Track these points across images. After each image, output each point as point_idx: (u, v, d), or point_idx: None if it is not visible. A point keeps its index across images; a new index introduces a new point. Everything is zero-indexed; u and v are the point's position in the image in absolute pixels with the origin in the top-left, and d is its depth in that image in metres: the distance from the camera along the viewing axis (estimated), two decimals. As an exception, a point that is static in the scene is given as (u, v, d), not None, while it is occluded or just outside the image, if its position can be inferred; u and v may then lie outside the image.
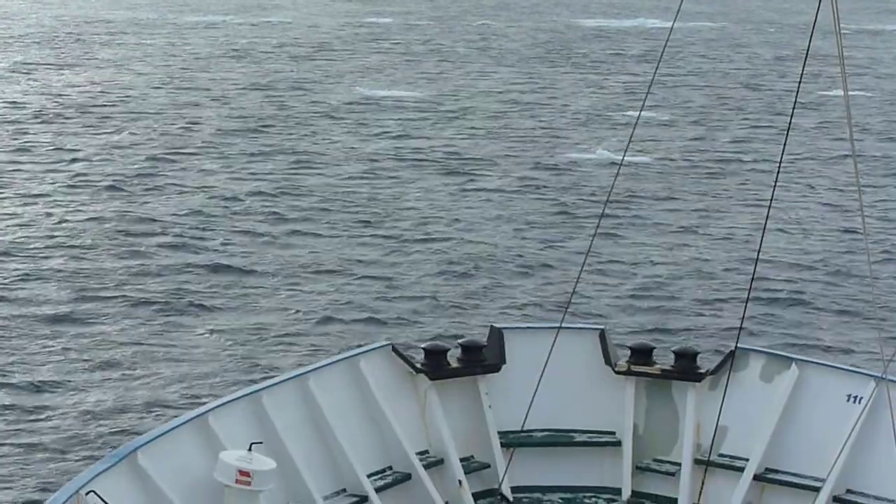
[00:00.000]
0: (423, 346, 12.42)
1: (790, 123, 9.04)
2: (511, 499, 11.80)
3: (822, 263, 26.41)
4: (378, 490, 11.08)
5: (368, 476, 11.09)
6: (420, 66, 63.47)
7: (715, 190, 33.27)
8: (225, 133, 40.49)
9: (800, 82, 7.54)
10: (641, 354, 12.44)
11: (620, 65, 64.64)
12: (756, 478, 11.51)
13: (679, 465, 11.91)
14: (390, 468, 11.49)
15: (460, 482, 11.61)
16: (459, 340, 12.83)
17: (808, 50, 8.32)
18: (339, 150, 37.81)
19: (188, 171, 34.06)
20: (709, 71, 63.06)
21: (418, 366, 11.99)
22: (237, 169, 34.68)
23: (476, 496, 11.67)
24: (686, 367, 12.30)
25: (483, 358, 12.19)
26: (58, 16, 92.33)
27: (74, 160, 35.69)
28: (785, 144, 8.95)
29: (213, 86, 53.17)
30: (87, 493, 9.21)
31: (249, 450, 10.08)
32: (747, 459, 11.62)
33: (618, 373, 12.28)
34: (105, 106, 46.00)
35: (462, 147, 38.79)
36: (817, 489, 11.15)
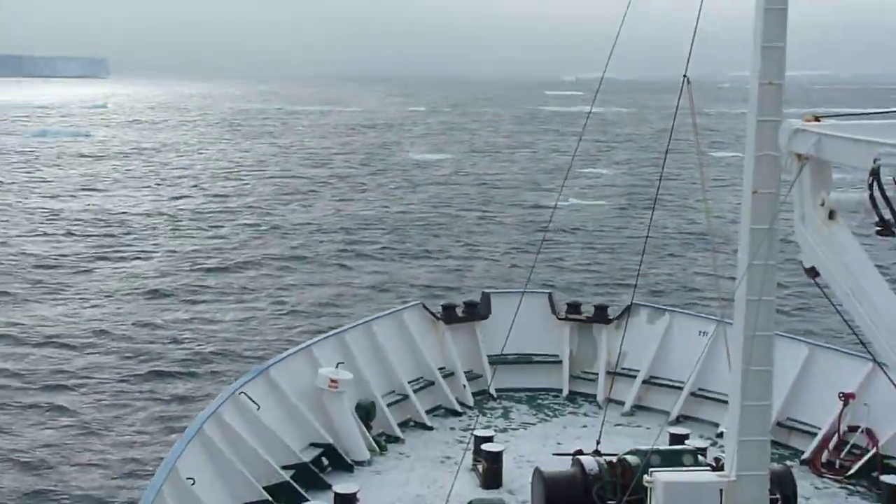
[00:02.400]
0: (441, 304, 15.94)
1: (661, 179, 13.97)
2: (495, 395, 15.07)
3: (685, 237, 38.51)
4: (415, 391, 14.44)
5: (409, 382, 14.47)
6: (446, 137, 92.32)
7: (637, 208, 47.13)
8: (312, 185, 57.95)
9: (665, 155, 10.32)
10: (574, 308, 16.02)
11: (571, 138, 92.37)
12: (644, 382, 15.02)
13: (597, 374, 15.36)
14: (422, 377, 14.81)
15: (464, 386, 15.05)
16: (463, 300, 16.40)
17: (671, 129, 10.74)
18: (391, 193, 54.15)
19: (294, 209, 50.80)
20: (633, 139, 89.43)
21: (438, 316, 15.36)
22: (325, 205, 50.07)
23: (474, 394, 15.04)
24: (601, 315, 15.85)
25: (478, 311, 15.69)
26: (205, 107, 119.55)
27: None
28: (658, 189, 13.85)
29: (308, 151, 75.65)
30: (239, 394, 11.95)
31: (336, 367, 13.22)
32: (639, 370, 15.05)
33: (559, 319, 15.84)
34: (218, 174, 64.11)
35: (474, 191, 55.68)
36: (681, 388, 14.62)
